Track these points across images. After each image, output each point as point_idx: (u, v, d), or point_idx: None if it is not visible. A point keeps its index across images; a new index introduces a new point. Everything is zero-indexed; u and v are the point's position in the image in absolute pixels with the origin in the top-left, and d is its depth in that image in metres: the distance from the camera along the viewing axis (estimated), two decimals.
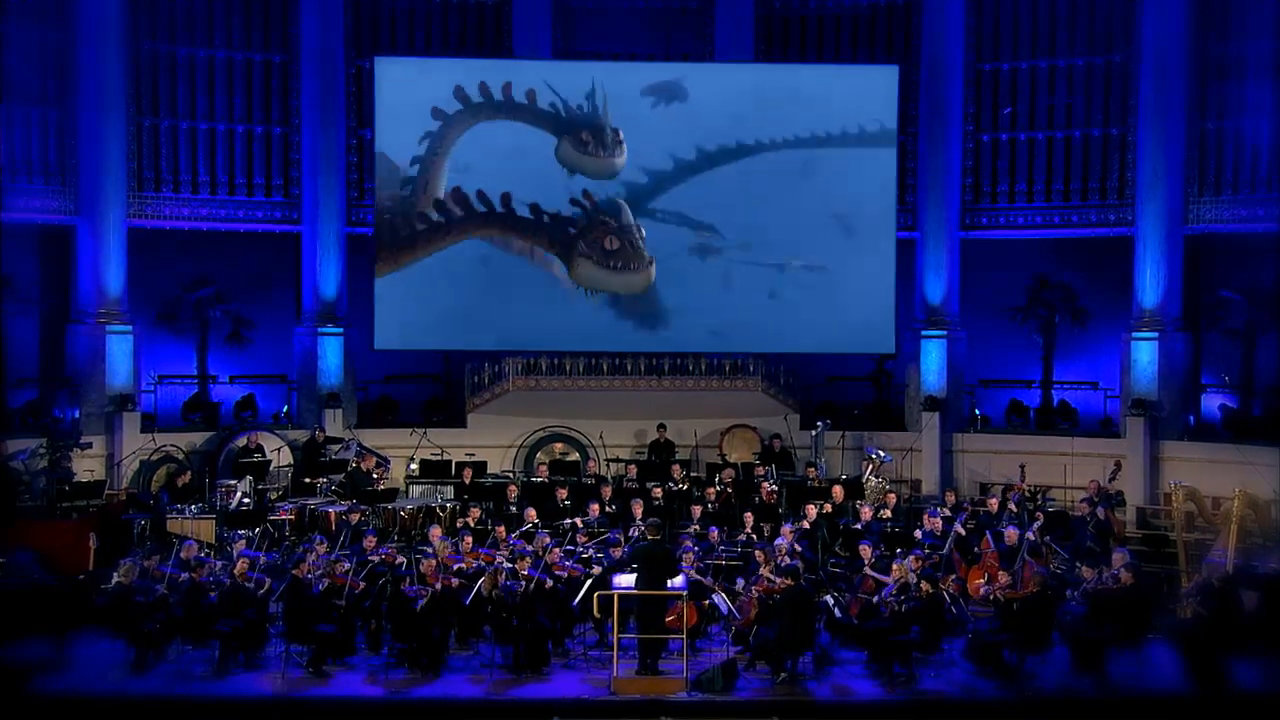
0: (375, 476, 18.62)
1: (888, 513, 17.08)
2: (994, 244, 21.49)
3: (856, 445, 20.67)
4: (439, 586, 13.65)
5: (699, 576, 14.33)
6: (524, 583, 13.73)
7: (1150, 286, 20.23)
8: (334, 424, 20.56)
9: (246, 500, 18.10)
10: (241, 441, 19.76)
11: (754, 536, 16.08)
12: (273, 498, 18.73)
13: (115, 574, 13.76)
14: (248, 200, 21.21)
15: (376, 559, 14.74)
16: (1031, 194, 21.31)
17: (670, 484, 18.28)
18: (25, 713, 12.27)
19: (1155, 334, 20.18)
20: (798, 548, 15.23)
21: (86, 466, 18.84)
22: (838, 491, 17.54)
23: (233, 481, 18.53)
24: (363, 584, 14.24)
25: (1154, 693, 13.22)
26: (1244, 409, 19.93)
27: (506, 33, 21.66)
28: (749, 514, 16.60)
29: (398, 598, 13.59)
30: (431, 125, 20.37)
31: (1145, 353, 20.22)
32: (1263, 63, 19.51)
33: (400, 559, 14.90)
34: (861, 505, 17.11)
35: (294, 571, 13.72)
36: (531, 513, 16.40)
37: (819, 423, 20.14)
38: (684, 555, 14.68)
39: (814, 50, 21.91)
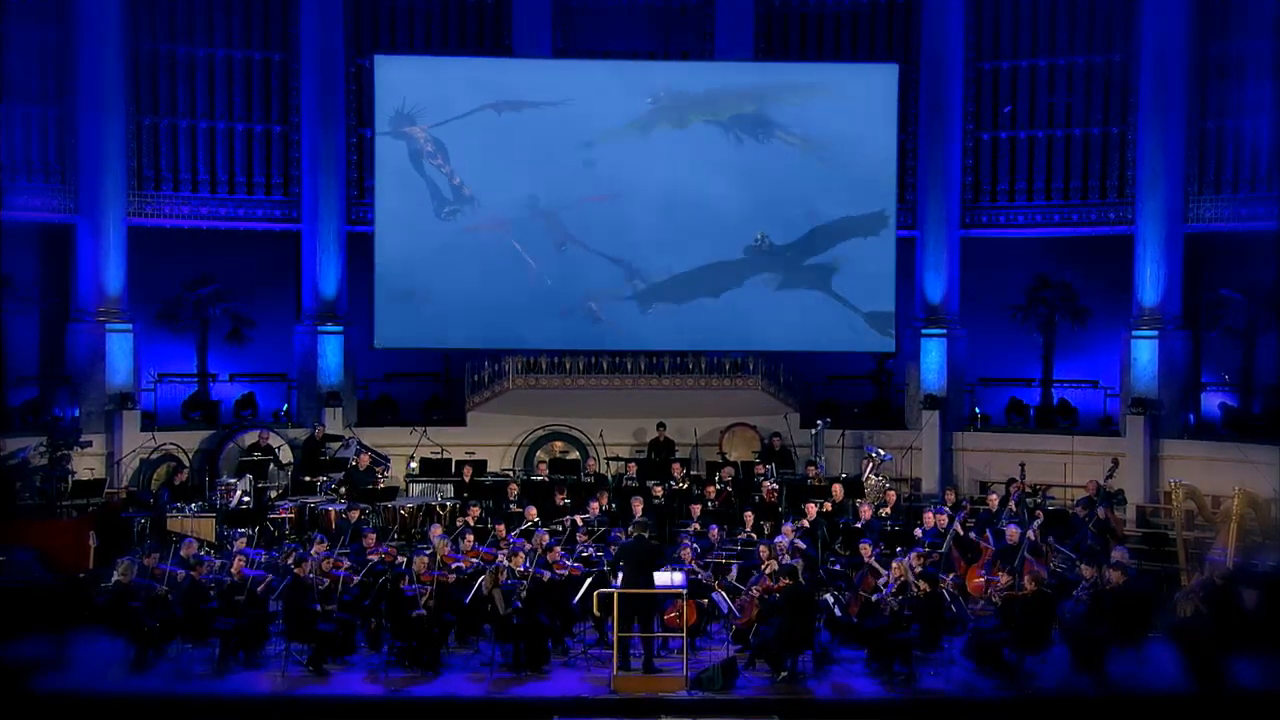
0: (364, 471, 18.58)
1: (887, 511, 17.10)
2: (994, 243, 21.49)
3: (856, 444, 20.66)
4: (433, 586, 13.63)
5: (700, 571, 14.34)
6: (522, 580, 13.73)
7: (1150, 285, 20.23)
8: (334, 422, 20.56)
9: (246, 499, 18.11)
10: (251, 438, 19.73)
11: (754, 535, 16.08)
12: (272, 496, 18.73)
13: (114, 572, 13.75)
14: (248, 199, 21.20)
15: (375, 557, 14.75)
16: (1031, 193, 21.31)
17: (670, 483, 18.28)
18: (25, 711, 12.28)
19: (1155, 332, 20.18)
20: (800, 545, 15.23)
21: (86, 465, 18.83)
22: (837, 490, 17.55)
23: (233, 480, 18.53)
24: (356, 579, 14.24)
25: (1154, 692, 13.22)
26: (1244, 407, 19.93)
27: (506, 31, 21.65)
28: (749, 513, 16.60)
29: (397, 597, 13.59)
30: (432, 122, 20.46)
31: (1145, 351, 20.23)
32: (1262, 61, 19.51)
33: (400, 558, 14.90)
34: (861, 504, 17.12)
35: (295, 570, 13.70)
36: (532, 511, 16.41)
37: (819, 421, 20.15)
38: (683, 553, 14.69)
39: (814, 49, 21.90)
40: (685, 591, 13.46)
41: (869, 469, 19.07)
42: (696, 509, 16.97)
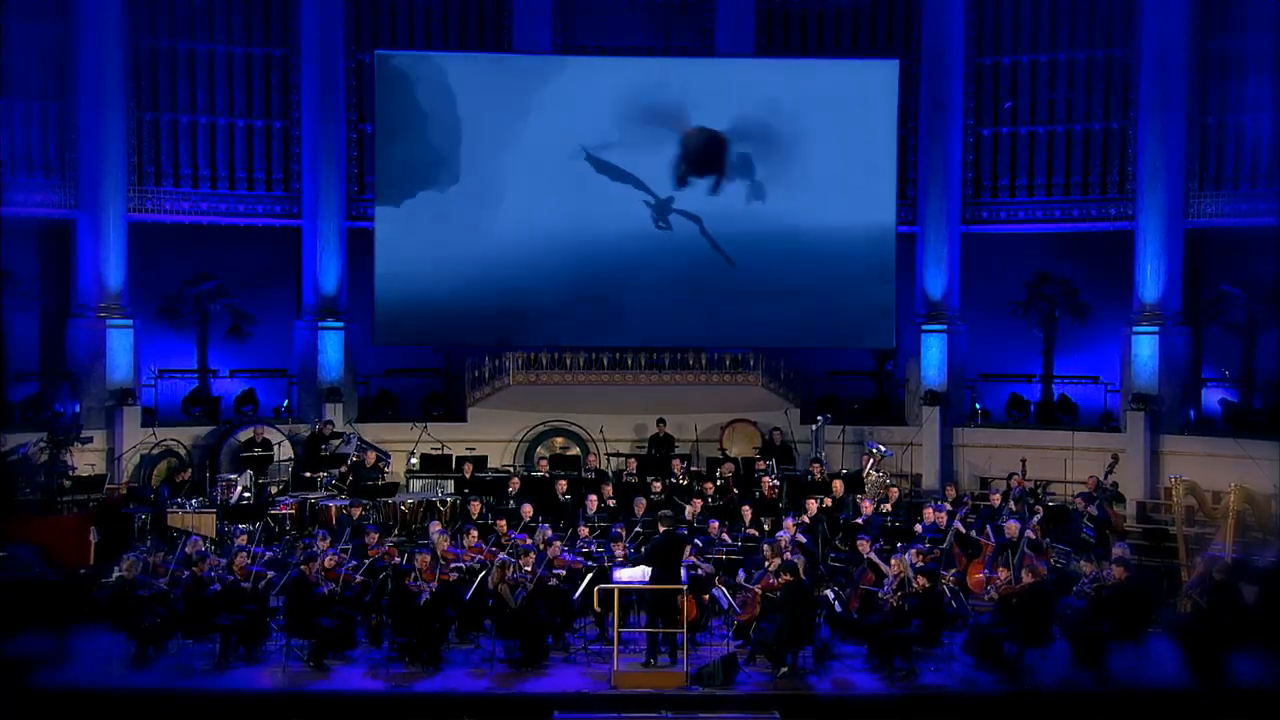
0: (368, 466, 18.60)
1: (888, 507, 17.10)
2: (994, 238, 21.51)
3: (857, 440, 20.68)
4: (435, 584, 13.64)
5: (701, 567, 14.35)
6: (531, 580, 13.73)
7: (1151, 281, 20.23)
8: (334, 418, 20.53)
9: (247, 494, 18.11)
10: (247, 434, 19.74)
11: (754, 532, 16.08)
12: (273, 492, 18.73)
13: (118, 569, 13.76)
14: (248, 194, 21.19)
15: (376, 553, 14.75)
16: (1032, 188, 21.33)
17: (670, 479, 18.28)
18: (26, 706, 12.31)
19: (1155, 328, 20.19)
20: (801, 539, 15.23)
21: (87, 461, 18.82)
22: (838, 486, 17.55)
23: (233, 476, 18.53)
24: (360, 578, 14.26)
25: (1154, 687, 13.24)
26: (1244, 403, 19.95)
27: (507, 27, 21.63)
28: (748, 508, 16.59)
29: (399, 592, 13.59)
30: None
31: (1145, 347, 20.23)
32: (1263, 57, 19.51)
33: (399, 556, 14.88)
34: (862, 500, 17.12)
35: (301, 567, 13.69)
36: (527, 509, 16.30)
37: (819, 417, 20.16)
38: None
39: (814, 44, 21.91)
40: (685, 587, 13.48)
41: (870, 465, 19.07)
42: (697, 505, 16.95)
